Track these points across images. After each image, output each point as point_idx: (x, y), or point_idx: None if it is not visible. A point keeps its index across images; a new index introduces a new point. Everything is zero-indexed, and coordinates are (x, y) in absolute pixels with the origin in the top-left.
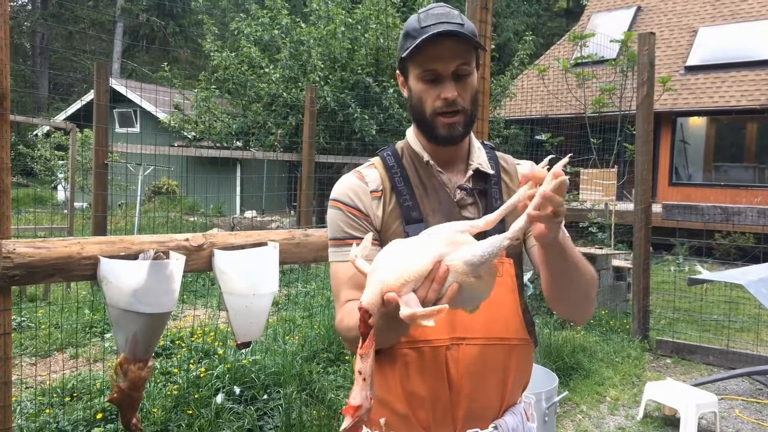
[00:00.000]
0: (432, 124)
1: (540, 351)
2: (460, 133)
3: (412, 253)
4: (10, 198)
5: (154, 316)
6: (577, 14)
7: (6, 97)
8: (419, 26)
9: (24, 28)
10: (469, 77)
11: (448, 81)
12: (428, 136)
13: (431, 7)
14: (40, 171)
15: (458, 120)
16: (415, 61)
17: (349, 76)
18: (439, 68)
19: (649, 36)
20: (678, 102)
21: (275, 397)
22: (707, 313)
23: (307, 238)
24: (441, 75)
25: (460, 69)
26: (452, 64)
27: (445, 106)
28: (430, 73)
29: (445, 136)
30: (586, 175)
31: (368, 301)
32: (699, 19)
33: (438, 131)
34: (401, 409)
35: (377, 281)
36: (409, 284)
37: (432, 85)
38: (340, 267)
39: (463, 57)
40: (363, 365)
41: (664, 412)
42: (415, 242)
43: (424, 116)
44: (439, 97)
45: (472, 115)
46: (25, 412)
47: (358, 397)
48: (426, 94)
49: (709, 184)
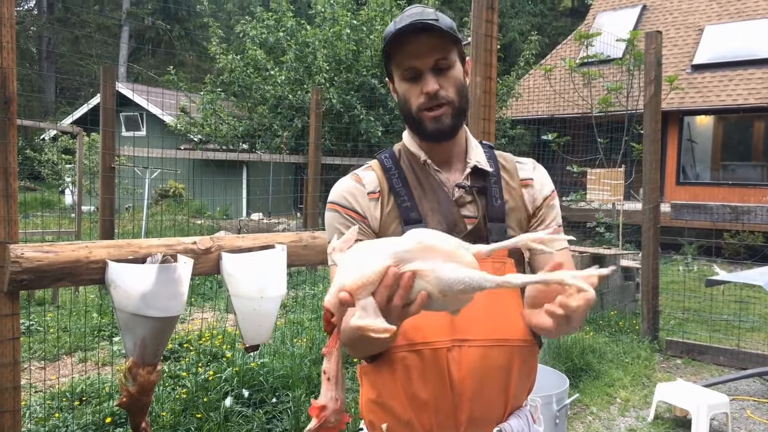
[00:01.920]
0: (419, 120)
1: (549, 353)
2: (448, 125)
3: (375, 253)
4: (17, 202)
5: (162, 320)
6: (583, 13)
7: (12, 102)
8: (394, 29)
9: (30, 32)
10: (450, 70)
11: (428, 75)
12: (419, 133)
13: (407, 9)
14: (47, 175)
15: (444, 111)
16: (396, 63)
17: (354, 78)
18: (418, 64)
19: (656, 35)
20: (685, 101)
21: (284, 400)
22: (717, 313)
23: (315, 240)
24: (420, 71)
25: (439, 63)
26: (430, 59)
27: (428, 100)
28: (410, 71)
29: (433, 131)
30: (593, 175)
31: (329, 300)
32: (705, 18)
33: (425, 126)
34: (403, 413)
35: (336, 280)
36: (367, 287)
37: (414, 82)
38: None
39: (441, 50)
40: (327, 365)
41: (675, 413)
42: (383, 243)
43: (411, 114)
44: (422, 92)
45: (460, 107)
46: (35, 416)
47: (323, 398)
48: (409, 92)
49: (717, 183)
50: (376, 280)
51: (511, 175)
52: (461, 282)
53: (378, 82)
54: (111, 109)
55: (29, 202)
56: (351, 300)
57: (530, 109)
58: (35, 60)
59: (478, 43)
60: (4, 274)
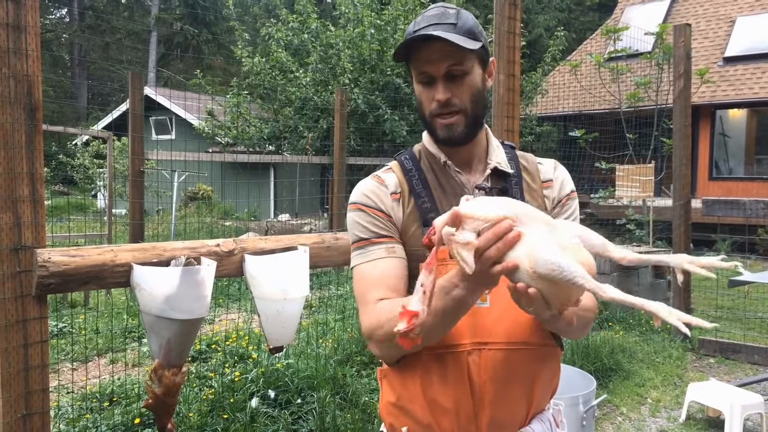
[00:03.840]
0: (432, 126)
1: (577, 352)
2: (460, 134)
3: (502, 203)
4: (44, 208)
5: (187, 322)
6: (611, 8)
7: (38, 109)
8: (413, 30)
9: (63, 40)
10: (464, 77)
11: (439, 82)
12: (432, 137)
13: (429, 8)
14: (80, 179)
15: (456, 120)
16: (412, 65)
17: (378, 78)
18: (431, 70)
19: (684, 27)
20: (717, 94)
21: (309, 401)
22: (751, 311)
23: (337, 241)
24: (433, 77)
25: (452, 69)
26: (442, 66)
27: (439, 107)
28: (424, 76)
29: (444, 138)
30: (622, 171)
31: (441, 219)
32: (737, 9)
33: (437, 132)
34: (423, 417)
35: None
36: (477, 222)
37: (427, 87)
38: (366, 268)
39: (454, 57)
40: (426, 278)
41: (707, 413)
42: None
43: (425, 118)
44: (434, 99)
45: (474, 115)
46: (66, 416)
47: (417, 305)
48: (423, 96)
49: (750, 178)
50: (489, 222)
51: (532, 177)
52: (553, 264)
53: (402, 81)
54: (139, 115)
55: (63, 207)
56: (460, 222)
57: (557, 105)
58: (68, 67)
59: (501, 40)
60: (32, 278)
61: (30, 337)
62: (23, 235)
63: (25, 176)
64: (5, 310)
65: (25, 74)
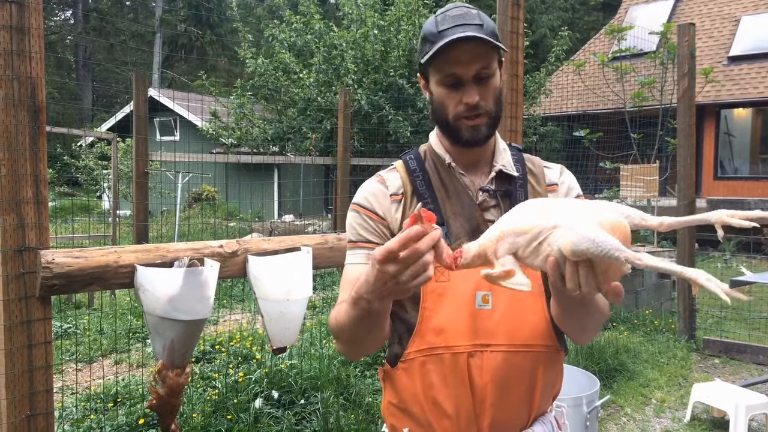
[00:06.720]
0: (455, 128)
1: (581, 353)
2: (484, 135)
3: (526, 209)
4: (47, 209)
5: (190, 323)
6: (615, 7)
7: (42, 111)
8: (436, 30)
9: (68, 42)
10: (491, 79)
11: (469, 85)
12: (452, 139)
13: (449, 8)
14: (84, 181)
15: (481, 121)
16: (435, 66)
17: (382, 78)
18: (460, 72)
19: (688, 27)
20: (721, 93)
21: (313, 402)
22: (756, 311)
23: (340, 242)
24: (462, 79)
25: (481, 72)
26: (473, 68)
27: (467, 110)
28: (450, 78)
29: (469, 139)
30: (626, 171)
31: (470, 252)
32: (741, 8)
33: (462, 134)
34: (424, 419)
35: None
36: (505, 241)
37: (453, 89)
38: (348, 269)
39: (484, 60)
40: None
41: (712, 414)
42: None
43: (446, 121)
44: (462, 102)
45: (496, 116)
46: (71, 417)
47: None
48: (448, 98)
49: (756, 177)
50: (524, 232)
51: (537, 180)
52: (589, 241)
53: (406, 82)
54: (144, 116)
55: (68, 208)
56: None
57: (561, 105)
58: (72, 69)
59: (503, 40)
60: (36, 279)
61: (34, 337)
62: (27, 237)
63: (28, 178)
64: (9, 311)
65: (28, 76)
